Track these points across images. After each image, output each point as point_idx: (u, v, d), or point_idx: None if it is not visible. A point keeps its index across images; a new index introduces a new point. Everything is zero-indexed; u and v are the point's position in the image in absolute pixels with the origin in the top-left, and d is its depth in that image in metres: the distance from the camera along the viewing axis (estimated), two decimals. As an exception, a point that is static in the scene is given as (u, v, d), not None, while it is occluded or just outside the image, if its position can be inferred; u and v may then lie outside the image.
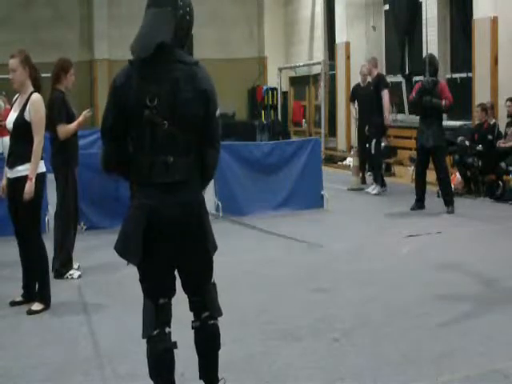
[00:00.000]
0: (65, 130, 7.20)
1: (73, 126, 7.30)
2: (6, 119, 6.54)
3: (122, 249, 3.81)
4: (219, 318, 4.12)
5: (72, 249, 7.48)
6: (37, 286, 6.39)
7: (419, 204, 10.98)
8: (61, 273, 7.32)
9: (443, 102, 10.70)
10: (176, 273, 3.88)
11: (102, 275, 7.55)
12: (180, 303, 4.08)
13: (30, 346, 5.50)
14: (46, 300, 6.33)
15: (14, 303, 6.49)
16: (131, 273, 7.55)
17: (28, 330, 5.91)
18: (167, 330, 3.89)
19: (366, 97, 13.31)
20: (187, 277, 3.91)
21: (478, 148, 12.00)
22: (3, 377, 4.91)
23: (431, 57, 11.31)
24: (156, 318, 3.84)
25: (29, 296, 6.45)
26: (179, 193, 3.71)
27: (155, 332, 3.84)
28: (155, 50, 3.61)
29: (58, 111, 7.17)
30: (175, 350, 3.95)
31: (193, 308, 4.07)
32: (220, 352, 4.14)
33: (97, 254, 8.49)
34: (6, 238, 8.56)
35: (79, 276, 7.38)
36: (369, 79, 13.59)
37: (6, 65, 6.54)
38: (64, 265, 7.33)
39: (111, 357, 5.20)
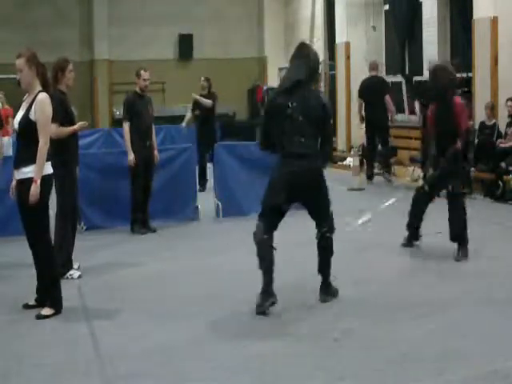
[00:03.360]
0: (56, 130, 7.03)
1: (66, 130, 7.26)
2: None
3: (270, 197, 6.15)
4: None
5: (72, 249, 7.48)
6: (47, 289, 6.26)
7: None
8: (61, 273, 7.31)
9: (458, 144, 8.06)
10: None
11: (102, 275, 7.54)
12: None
13: (30, 346, 5.50)
14: (56, 305, 6.20)
15: (27, 306, 6.36)
16: (131, 273, 7.59)
17: (28, 330, 5.91)
18: (271, 241, 6.17)
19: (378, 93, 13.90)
20: (312, 210, 6.34)
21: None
22: (3, 377, 4.91)
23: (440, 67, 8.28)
24: (265, 230, 6.17)
25: (41, 300, 6.32)
26: (306, 160, 6.07)
27: (265, 236, 6.15)
28: (293, 83, 6.15)
29: (54, 111, 7.13)
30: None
31: (317, 226, 6.33)
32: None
33: (97, 254, 8.50)
34: (5, 238, 8.59)
35: (79, 276, 7.38)
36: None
37: (6, 64, 6.52)
38: (64, 265, 7.32)
39: (111, 357, 5.20)
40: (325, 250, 6.32)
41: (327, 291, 6.41)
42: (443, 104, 7.97)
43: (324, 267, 6.36)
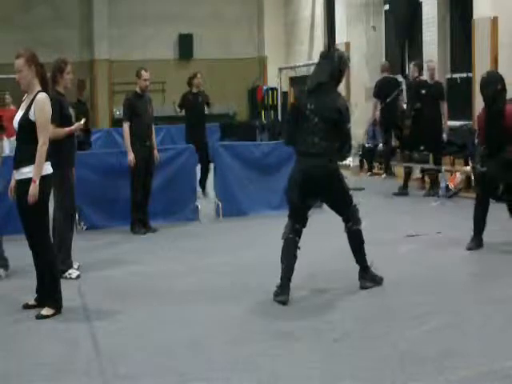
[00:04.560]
0: (53, 131, 6.91)
1: (62, 130, 7.25)
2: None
3: (289, 195, 6.57)
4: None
5: (70, 248, 7.48)
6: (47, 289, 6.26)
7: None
8: (60, 272, 7.31)
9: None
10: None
11: (103, 275, 7.54)
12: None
13: (30, 346, 5.50)
14: (56, 305, 6.19)
15: (27, 306, 6.35)
16: (131, 273, 7.59)
17: (28, 330, 5.91)
18: (297, 238, 6.56)
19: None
20: (332, 207, 6.75)
21: None
22: (3, 377, 4.91)
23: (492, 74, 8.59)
24: (292, 229, 6.56)
25: (41, 300, 6.31)
26: (317, 159, 6.36)
27: (290, 235, 6.52)
28: (315, 85, 6.46)
29: (52, 112, 7.11)
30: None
31: (343, 220, 6.69)
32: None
33: (97, 254, 8.50)
34: (5, 237, 8.56)
35: (77, 276, 7.37)
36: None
37: (6, 64, 6.50)
38: (63, 262, 7.30)
39: (111, 357, 5.20)
40: (354, 241, 6.72)
41: (365, 277, 6.78)
42: (491, 111, 8.10)
43: (358, 257, 6.77)
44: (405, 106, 13.78)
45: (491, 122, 8.10)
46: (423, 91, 12.48)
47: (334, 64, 6.50)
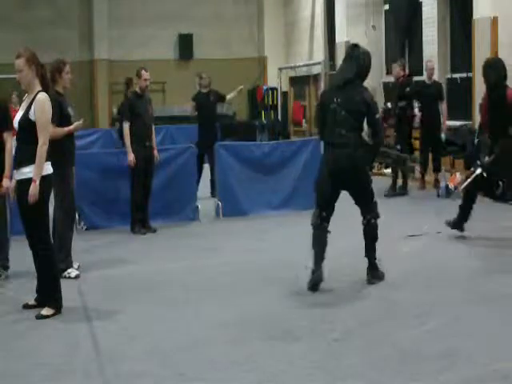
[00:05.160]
0: (53, 130, 6.89)
1: (62, 130, 7.25)
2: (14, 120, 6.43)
3: (317, 185, 6.90)
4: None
5: (70, 248, 7.48)
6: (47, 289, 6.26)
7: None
8: (60, 271, 7.31)
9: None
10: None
11: (103, 275, 7.54)
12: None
13: (30, 346, 5.50)
14: (56, 305, 6.20)
15: (27, 306, 6.35)
16: (131, 273, 7.59)
17: (28, 330, 5.90)
18: (325, 224, 6.82)
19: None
20: (356, 198, 6.94)
21: None
22: (3, 377, 4.92)
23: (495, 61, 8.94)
24: (319, 216, 6.82)
25: (41, 300, 6.32)
26: (344, 149, 6.66)
27: (318, 222, 6.78)
28: (342, 81, 6.81)
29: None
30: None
31: (362, 213, 6.93)
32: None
33: (97, 254, 8.50)
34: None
35: (77, 275, 7.37)
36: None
37: (6, 64, 6.50)
38: (63, 261, 7.30)
39: (111, 357, 5.20)
40: (370, 235, 6.93)
41: (373, 273, 6.96)
42: (494, 96, 8.39)
43: (369, 251, 6.96)
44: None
45: (494, 106, 8.38)
46: (407, 89, 12.47)
47: (359, 61, 6.81)
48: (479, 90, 12.93)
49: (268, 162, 11.06)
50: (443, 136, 12.64)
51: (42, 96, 6.10)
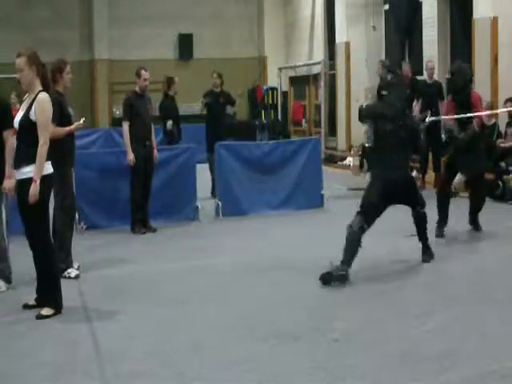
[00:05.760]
0: (53, 130, 6.87)
1: (62, 130, 7.24)
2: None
3: (369, 198, 7.40)
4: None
5: (70, 248, 7.48)
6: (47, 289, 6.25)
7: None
8: (60, 270, 7.30)
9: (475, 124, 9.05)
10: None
11: (103, 275, 7.54)
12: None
13: (30, 346, 5.50)
14: (56, 305, 6.20)
15: (27, 306, 6.35)
16: (131, 273, 7.59)
17: (28, 330, 5.90)
18: (362, 235, 7.13)
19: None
20: (406, 203, 7.67)
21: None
22: (3, 377, 4.92)
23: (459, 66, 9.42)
24: (360, 226, 7.16)
25: (41, 300, 6.30)
26: (399, 170, 7.47)
27: (356, 230, 7.13)
28: (394, 112, 7.51)
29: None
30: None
31: (412, 206, 7.68)
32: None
33: (97, 254, 8.50)
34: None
35: (76, 275, 7.37)
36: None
37: (6, 64, 6.49)
38: (63, 261, 7.29)
39: (111, 357, 5.20)
40: (422, 222, 7.72)
41: (427, 253, 7.76)
42: (460, 99, 9.07)
43: (422, 236, 7.78)
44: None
45: (461, 105, 9.06)
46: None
47: (403, 92, 7.85)
48: (479, 89, 12.95)
49: (268, 161, 11.06)
50: (443, 136, 12.63)
51: (43, 96, 6.10)
